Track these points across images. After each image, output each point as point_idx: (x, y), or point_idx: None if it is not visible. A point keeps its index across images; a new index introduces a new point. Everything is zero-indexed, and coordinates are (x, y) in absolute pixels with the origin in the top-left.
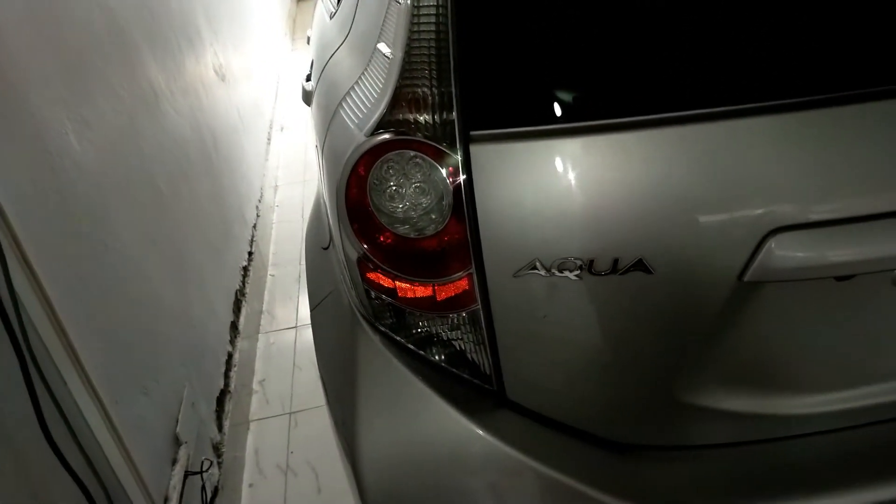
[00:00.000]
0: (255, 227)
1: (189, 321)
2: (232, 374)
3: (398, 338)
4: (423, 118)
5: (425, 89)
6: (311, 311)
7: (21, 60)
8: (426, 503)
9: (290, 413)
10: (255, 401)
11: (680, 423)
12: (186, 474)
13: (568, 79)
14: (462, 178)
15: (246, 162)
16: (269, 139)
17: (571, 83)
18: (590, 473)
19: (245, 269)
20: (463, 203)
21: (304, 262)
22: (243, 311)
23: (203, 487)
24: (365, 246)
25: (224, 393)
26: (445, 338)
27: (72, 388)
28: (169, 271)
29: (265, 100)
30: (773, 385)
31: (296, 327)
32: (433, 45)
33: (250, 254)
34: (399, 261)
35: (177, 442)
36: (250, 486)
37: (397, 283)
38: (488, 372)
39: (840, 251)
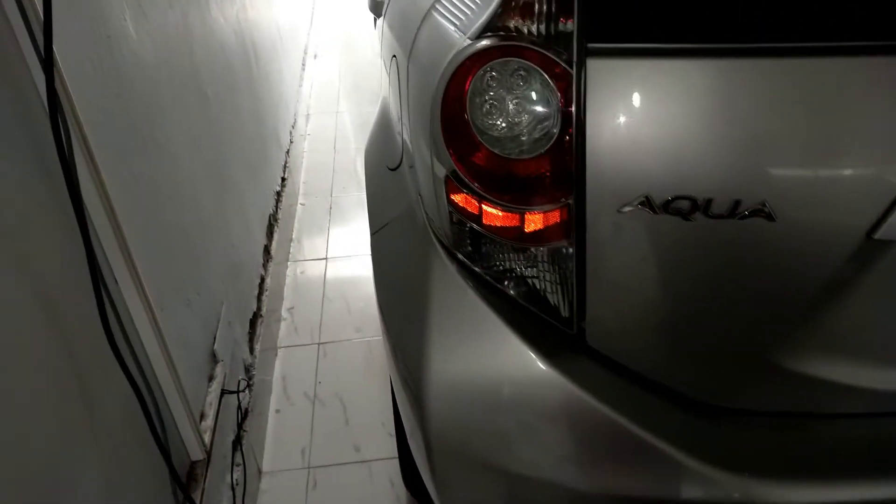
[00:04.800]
0: (288, 152)
1: (228, 238)
2: (264, 298)
3: (476, 268)
4: (535, 24)
5: None
6: (371, 234)
7: None
8: (492, 438)
9: (318, 343)
10: (283, 328)
11: (779, 389)
12: (223, 392)
13: None
14: (575, 95)
15: (283, 83)
16: (303, 65)
17: None
18: (672, 431)
19: (278, 194)
20: (572, 124)
21: (334, 193)
22: (275, 236)
23: (239, 407)
24: (456, 164)
25: (256, 316)
26: (527, 273)
27: (123, 289)
28: (212, 182)
29: (301, 23)
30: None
31: (326, 259)
32: None
33: (283, 179)
34: (491, 182)
35: (214, 359)
36: (277, 411)
37: (483, 206)
38: (568, 314)
39: None
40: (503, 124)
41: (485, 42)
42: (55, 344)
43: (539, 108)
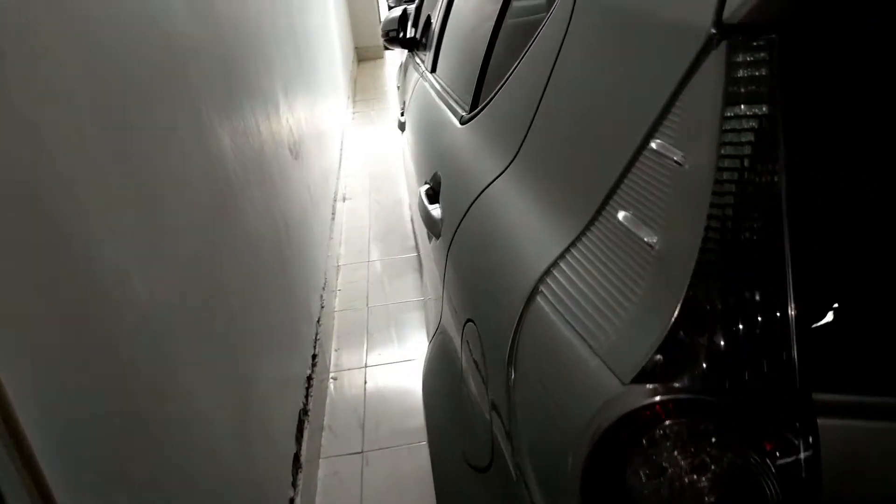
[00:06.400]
0: (319, 321)
1: (252, 482)
2: None
3: None
4: (722, 360)
5: (732, 313)
6: None
7: (80, 191)
8: None
9: None
10: None
11: None
12: None
13: None
14: (804, 471)
15: (314, 246)
16: (333, 213)
17: None
18: None
19: (309, 378)
20: None
21: (369, 361)
22: (305, 434)
23: None
24: None
25: None
26: None
27: None
28: (234, 424)
29: (331, 171)
30: None
31: (362, 452)
32: (747, 235)
33: (314, 357)
34: None
35: None
36: None
37: None
38: None
39: None
40: (679, 498)
41: (654, 393)
42: None
43: (736, 478)
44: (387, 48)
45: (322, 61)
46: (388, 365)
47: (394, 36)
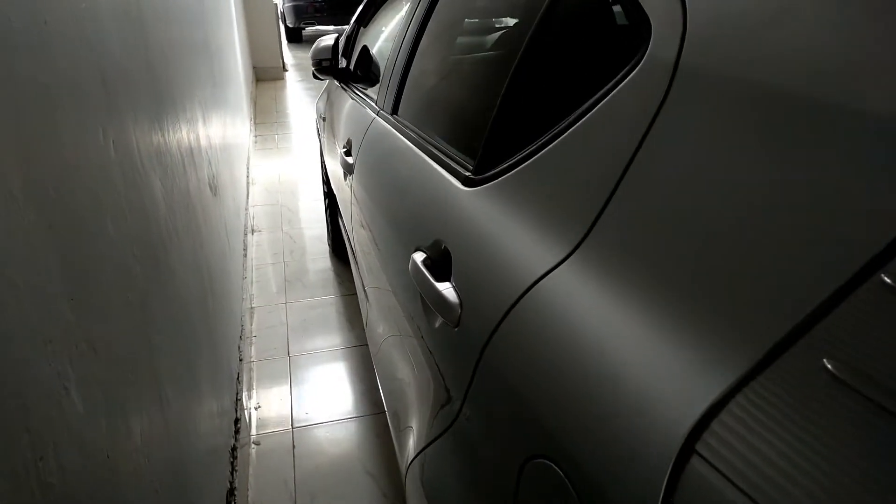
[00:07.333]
0: (239, 377)
1: None
2: None
3: None
4: None
5: None
6: None
7: (6, 289)
8: None
9: None
10: None
11: None
12: None
13: None
14: None
15: (231, 291)
16: (245, 250)
17: None
18: None
19: (233, 450)
20: None
21: (296, 419)
22: None
23: None
24: None
25: None
26: None
27: None
28: None
29: (241, 203)
30: None
31: None
32: None
33: (237, 422)
34: None
35: None
36: None
37: None
38: None
39: None
40: None
41: None
42: None
43: None
44: (317, 77)
45: (230, 81)
46: (318, 426)
47: (326, 66)
